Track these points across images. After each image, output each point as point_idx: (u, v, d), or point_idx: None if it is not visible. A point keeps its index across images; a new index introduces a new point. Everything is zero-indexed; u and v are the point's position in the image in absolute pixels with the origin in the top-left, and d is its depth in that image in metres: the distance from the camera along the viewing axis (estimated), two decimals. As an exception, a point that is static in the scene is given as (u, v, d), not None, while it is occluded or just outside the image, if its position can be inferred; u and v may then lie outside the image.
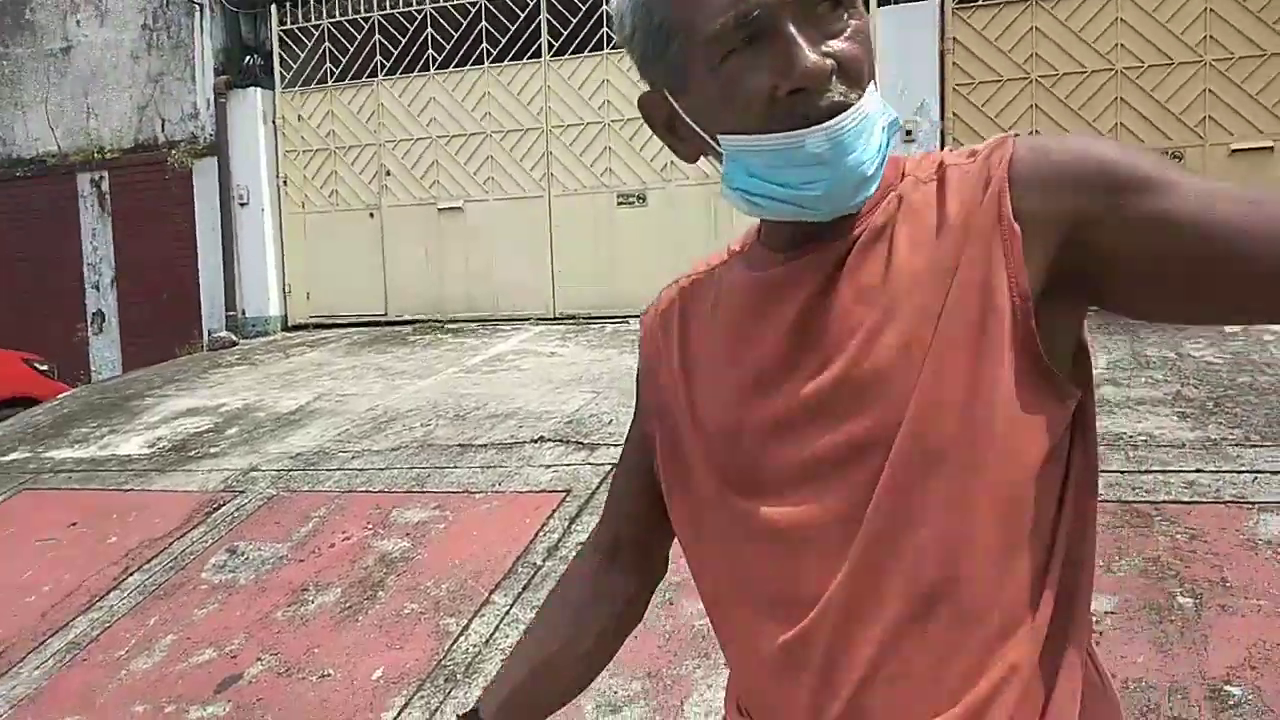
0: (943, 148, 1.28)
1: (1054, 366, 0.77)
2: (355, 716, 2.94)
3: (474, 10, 8.27)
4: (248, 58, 9.19)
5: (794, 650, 0.83)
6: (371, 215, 8.87)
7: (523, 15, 8.09)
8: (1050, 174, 0.76)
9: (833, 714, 0.81)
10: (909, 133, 6.98)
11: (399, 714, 2.92)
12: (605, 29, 7.83)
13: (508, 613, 3.33)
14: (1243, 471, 3.50)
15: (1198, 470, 3.54)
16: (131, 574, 4.01)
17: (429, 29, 8.44)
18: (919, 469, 0.77)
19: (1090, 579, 0.84)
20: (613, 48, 7.87)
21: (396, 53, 8.62)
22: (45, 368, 7.87)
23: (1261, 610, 2.73)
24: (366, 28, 8.65)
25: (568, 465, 4.40)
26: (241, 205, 9.07)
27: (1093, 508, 0.84)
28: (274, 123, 9.10)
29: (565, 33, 8.01)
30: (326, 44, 8.80)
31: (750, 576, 0.87)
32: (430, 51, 8.46)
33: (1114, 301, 0.78)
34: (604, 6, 7.74)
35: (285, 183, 9.13)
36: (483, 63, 8.35)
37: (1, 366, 7.52)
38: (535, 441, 4.75)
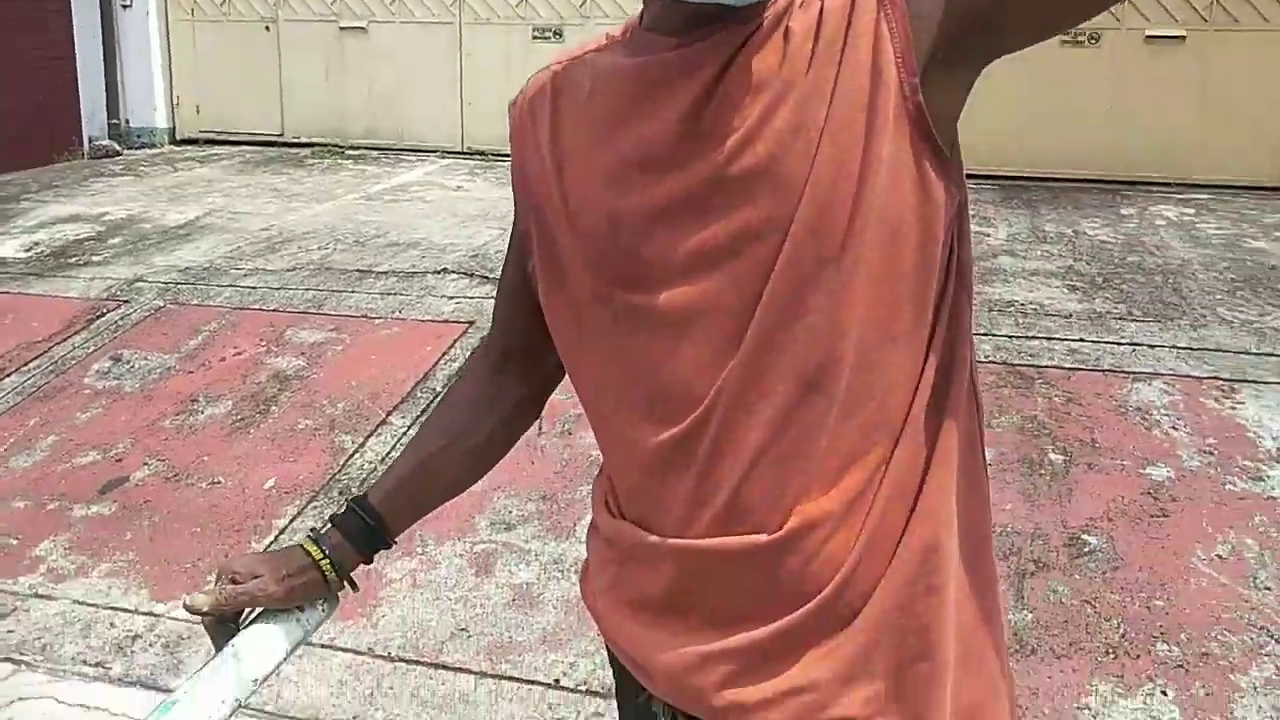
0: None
1: (941, 143, 0.78)
2: (246, 522, 2.93)
3: None
4: None
5: (679, 444, 0.83)
6: (268, 28, 8.31)
7: None
8: None
9: (717, 502, 0.82)
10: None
11: (291, 521, 2.92)
12: None
13: (405, 433, 3.33)
14: (1122, 343, 3.69)
15: (1080, 339, 3.73)
16: (9, 375, 3.84)
17: None
18: (811, 255, 0.77)
19: (964, 387, 0.85)
20: None
21: None
22: (-98, 162, 7.26)
23: (1124, 470, 2.93)
24: None
25: (471, 298, 4.35)
26: (124, 8, 8.37)
27: (967, 319, 0.85)
28: (162, -85, 8.33)
29: None
30: None
31: (633, 374, 0.86)
32: None
33: (1017, 15, 0.77)
34: None
35: (173, -15, 8.44)
36: None
37: None
38: (439, 273, 4.66)
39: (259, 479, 3.13)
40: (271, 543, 2.83)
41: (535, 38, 7.70)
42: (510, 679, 2.35)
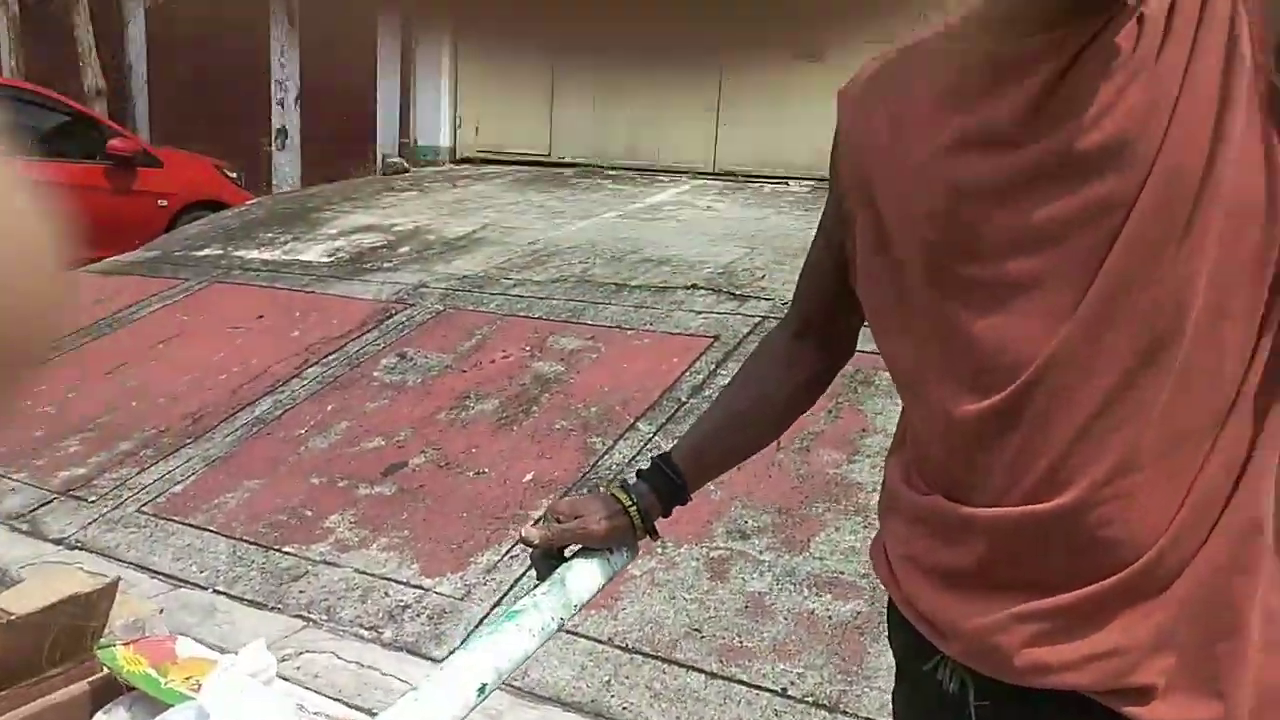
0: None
1: None
2: (506, 511, 3.18)
3: None
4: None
5: (1003, 413, 0.86)
6: (543, 54, 8.89)
7: None
8: None
9: (1038, 469, 0.85)
10: None
11: (533, 523, 3.14)
12: None
13: (650, 439, 3.49)
14: None
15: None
16: (311, 366, 4.37)
17: None
18: (1157, 229, 0.79)
19: None
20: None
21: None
22: (234, 175, 8.39)
23: None
24: None
25: (718, 313, 4.47)
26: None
27: None
28: (456, -48, 9.12)
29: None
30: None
31: (956, 347, 0.89)
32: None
33: None
34: None
35: (463, 15, 9.21)
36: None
37: (196, 170, 8.06)
38: (688, 288, 4.82)
39: (519, 472, 3.39)
40: (526, 532, 3.06)
41: (796, 58, 7.77)
42: (739, 682, 2.42)
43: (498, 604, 2.77)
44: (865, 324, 1.07)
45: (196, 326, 5.00)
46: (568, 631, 2.60)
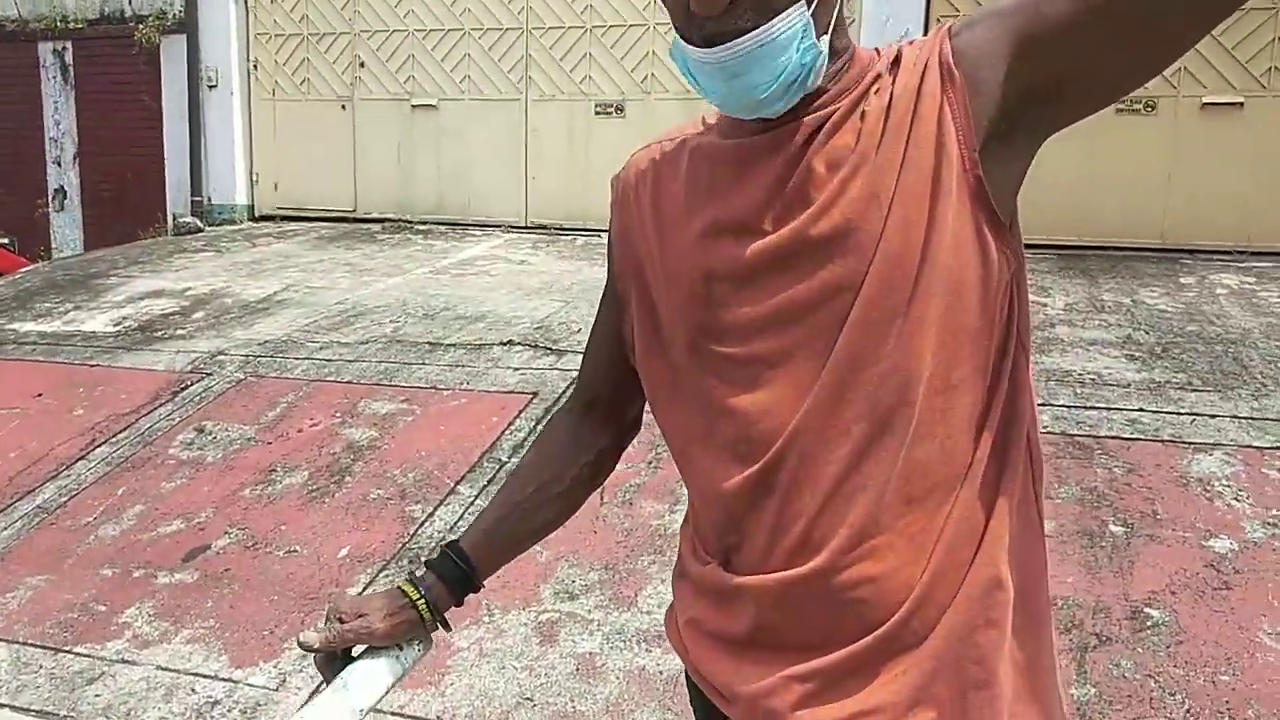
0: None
1: (999, 213, 0.87)
2: (321, 590, 3.05)
3: (461, -98, 8.04)
4: (222, -67, 8.87)
5: (760, 480, 0.93)
6: (344, 107, 8.72)
7: (511, -89, 7.89)
8: (980, 16, 0.87)
9: (794, 532, 0.91)
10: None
11: (364, 589, 3.03)
12: (595, -68, 7.67)
13: (473, 503, 3.44)
14: (1182, 413, 3.67)
15: (1140, 409, 3.72)
16: (99, 446, 4.05)
17: (413, -82, 8.19)
18: (881, 310, 0.87)
19: (1024, 438, 0.93)
20: (601, -47, 7.72)
21: (378, -60, 8.38)
22: (5, 240, 7.73)
23: (1186, 541, 2.91)
24: (348, -89, 8.38)
25: (535, 369, 4.48)
26: (210, 88, 8.86)
27: (1025, 376, 0.94)
28: (245, 2, 8.84)
29: (554, -67, 7.83)
30: (306, -75, 8.52)
31: (718, 419, 0.96)
32: (413, -59, 8.23)
33: (1077, 86, 0.85)
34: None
35: (256, 67, 8.91)
36: (466, -44, 8.16)
37: (-41, 236, 7.38)
38: (504, 344, 4.81)
39: (334, 548, 3.26)
40: (345, 610, 2.93)
41: (598, 113, 7.96)
42: (573, 748, 2.40)
43: (316, 691, 2.64)
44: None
45: (-38, 410, 4.54)
46: (391, 713, 2.51)
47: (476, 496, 3.48)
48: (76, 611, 3.03)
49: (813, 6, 0.86)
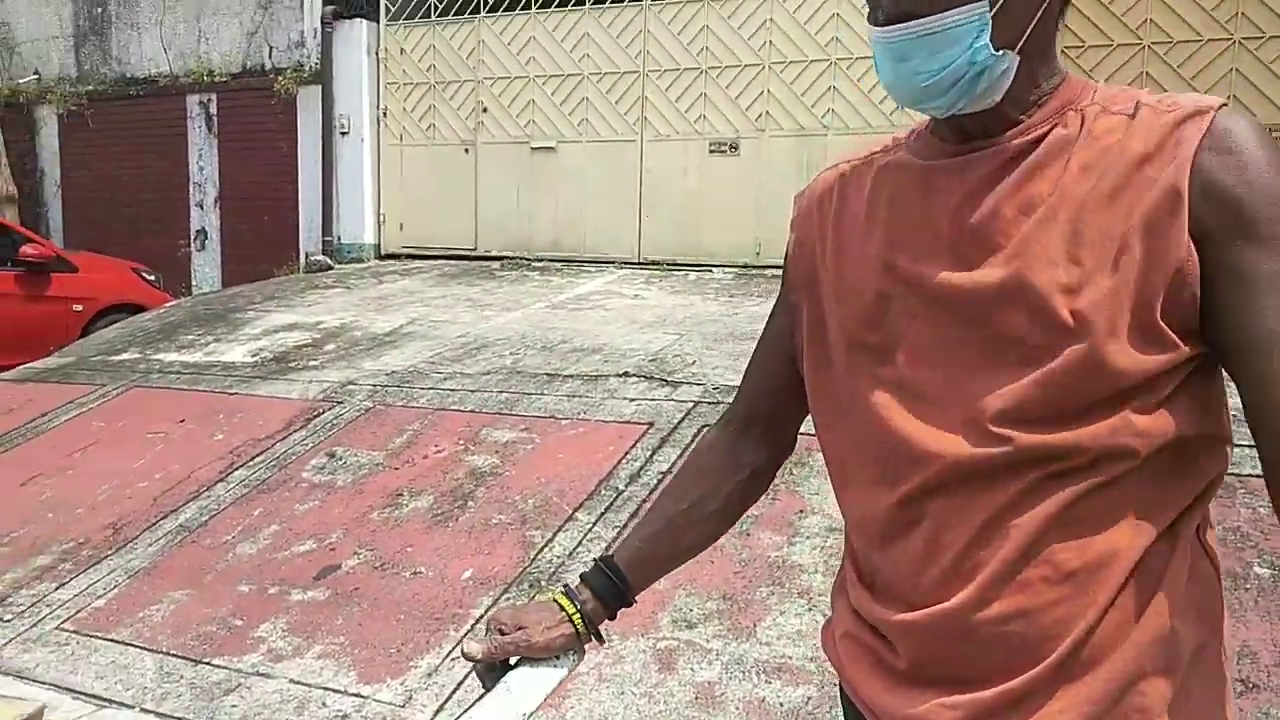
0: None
1: (1165, 325, 0.84)
2: (445, 611, 3.11)
3: (580, -50, 8.30)
4: (355, -11, 9.37)
5: (910, 506, 0.92)
6: (467, 151, 9.03)
7: (628, -43, 8.10)
8: (1225, 179, 0.82)
9: (943, 563, 0.90)
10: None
11: (485, 611, 3.08)
12: (710, -26, 7.80)
13: (590, 529, 3.46)
14: (1339, 451, 3.44)
15: (1292, 447, 3.50)
16: (236, 469, 4.25)
17: (534, -33, 8.50)
18: (1057, 369, 0.85)
19: (1197, 479, 0.89)
20: (717, -6, 7.84)
21: (500, -10, 8.71)
22: (152, 278, 8.24)
23: (1343, 585, 2.72)
24: (473, -37, 8.75)
25: (651, 400, 4.50)
26: (342, 134, 9.31)
27: (1220, 451, 0.91)
28: (377, 54, 9.28)
29: (670, -23, 8.00)
30: (433, -22, 8.93)
31: (875, 440, 0.95)
32: (534, -10, 8.53)
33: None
34: (711, -48, 7.70)
35: (385, 114, 9.33)
36: (583, 3, 8.39)
37: (113, 274, 7.90)
38: (620, 376, 4.86)
39: (457, 570, 3.32)
40: (468, 631, 2.98)
41: (712, 151, 8.03)
42: (693, 777, 2.38)
43: (440, 709, 2.68)
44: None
45: (115, 433, 4.83)
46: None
47: (594, 523, 3.50)
48: (215, 625, 3.17)
49: (994, 9, 0.85)
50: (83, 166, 10.82)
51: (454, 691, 2.75)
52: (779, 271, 1.15)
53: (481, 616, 3.06)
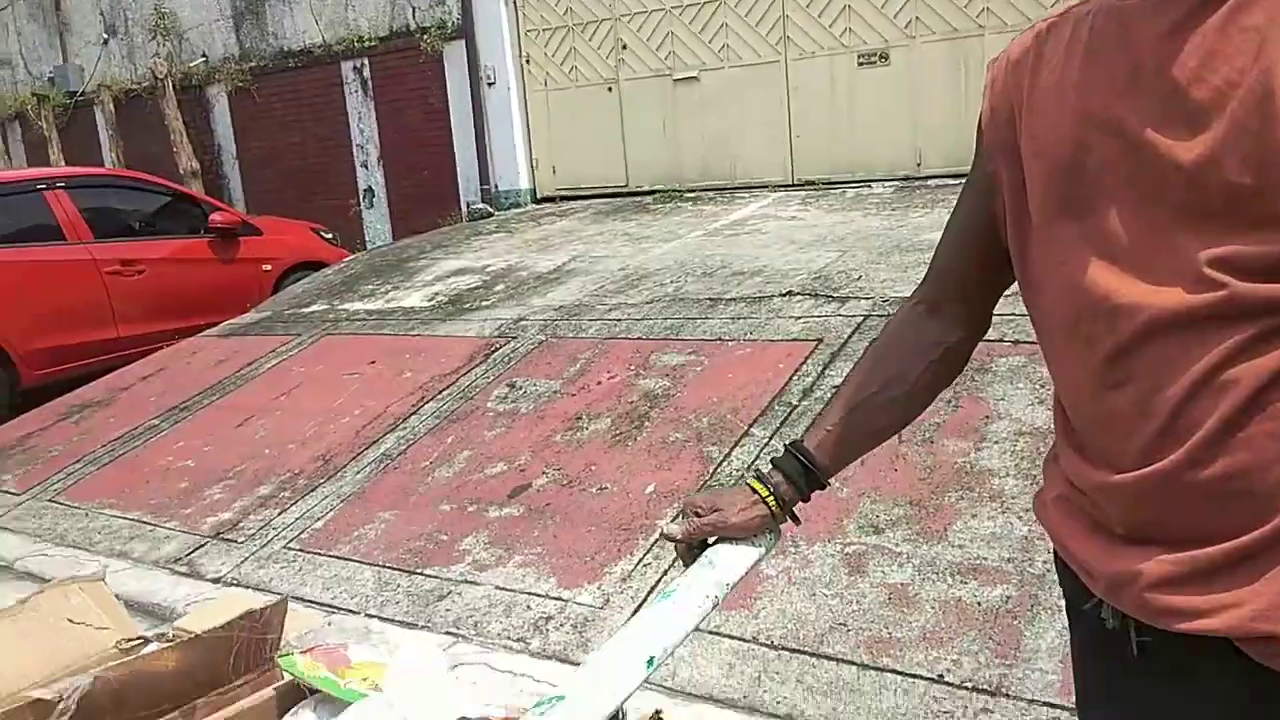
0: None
1: None
2: (633, 522, 3.23)
3: None
4: (492, -62, 9.47)
5: (1119, 366, 0.88)
6: (610, 89, 9.07)
7: None
8: None
9: (1155, 423, 0.86)
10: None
11: (672, 519, 3.18)
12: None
13: (767, 443, 3.50)
14: None
15: None
16: (427, 402, 4.50)
17: (668, -107, 8.37)
18: (1256, 195, 0.79)
19: None
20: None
21: (636, -79, 8.63)
22: (330, 236, 8.72)
23: None
24: (607, -103, 8.69)
25: (818, 317, 4.47)
26: (489, 85, 9.50)
27: None
28: (515, 3, 9.39)
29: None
30: (568, -83, 8.93)
31: (1080, 300, 0.91)
32: (669, -83, 8.41)
33: None
34: None
35: (528, 61, 9.45)
36: (721, -75, 8.23)
37: (295, 234, 8.40)
38: (783, 295, 4.84)
39: (640, 485, 3.43)
40: (655, 540, 3.09)
41: (860, 64, 7.78)
42: (893, 672, 2.40)
43: (637, 610, 2.80)
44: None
45: (314, 376, 5.19)
46: (709, 631, 2.62)
47: (770, 438, 3.54)
48: (423, 540, 3.40)
49: None
50: (254, 138, 11.48)
51: (648, 594, 2.86)
52: (942, 182, 1.12)
53: (679, 514, 3.16)
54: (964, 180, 1.14)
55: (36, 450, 5.04)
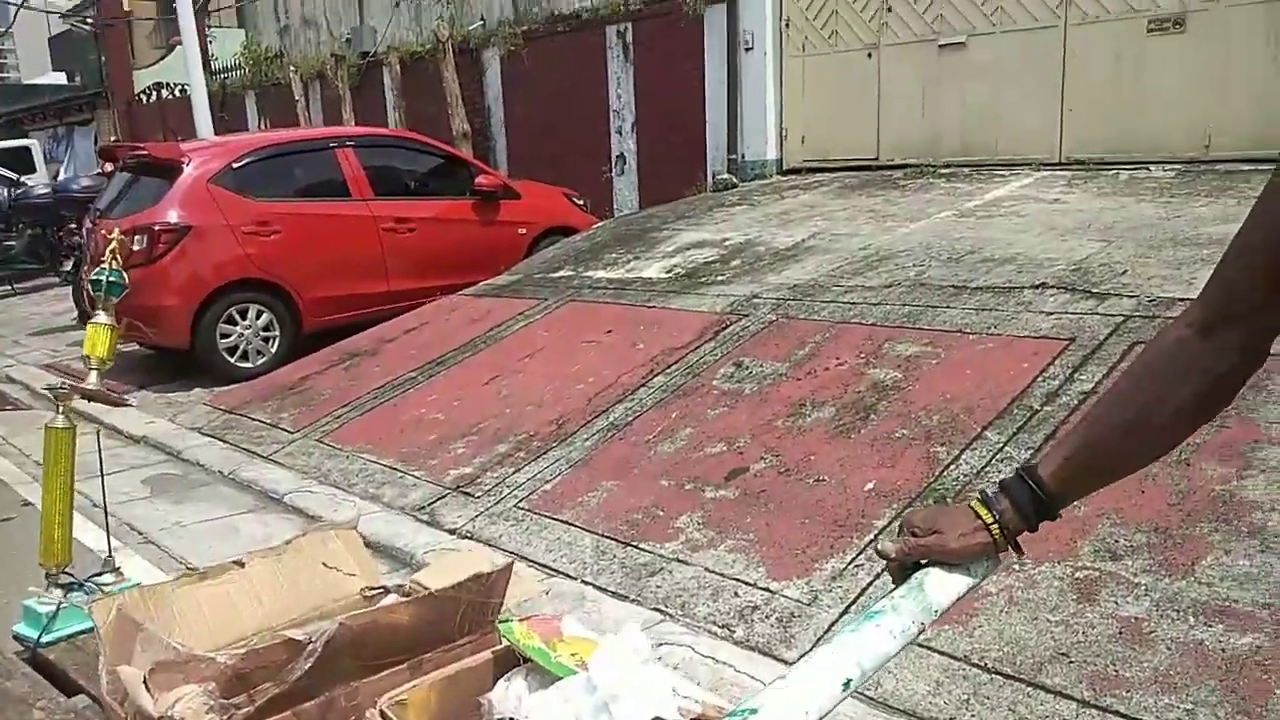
0: None
1: None
2: (849, 519, 3.17)
3: None
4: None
5: None
6: (869, 55, 8.76)
7: None
8: None
9: None
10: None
11: (889, 523, 3.09)
12: None
13: (1001, 449, 3.32)
14: None
15: None
16: (656, 375, 4.61)
17: None
18: None
19: None
20: None
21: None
22: (581, 202, 9.06)
23: None
24: None
25: (1072, 314, 4.16)
26: (746, 50, 9.43)
27: None
28: (779, -37, 9.25)
29: None
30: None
31: None
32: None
33: None
34: None
35: (788, 25, 9.30)
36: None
37: (549, 199, 8.79)
38: (1036, 287, 4.54)
39: (859, 480, 3.36)
40: (871, 540, 3.02)
41: (1151, 30, 7.06)
42: (1116, 714, 2.24)
43: (845, 611, 2.76)
44: None
45: (555, 341, 5.45)
46: (920, 644, 2.54)
47: (1005, 443, 3.35)
48: (640, 514, 3.51)
49: None
50: (520, 102, 12.05)
51: (858, 597, 2.81)
52: (1233, 168, 0.98)
53: (884, 528, 3.08)
54: (1273, 174, 0.97)
55: (310, 393, 5.63)
